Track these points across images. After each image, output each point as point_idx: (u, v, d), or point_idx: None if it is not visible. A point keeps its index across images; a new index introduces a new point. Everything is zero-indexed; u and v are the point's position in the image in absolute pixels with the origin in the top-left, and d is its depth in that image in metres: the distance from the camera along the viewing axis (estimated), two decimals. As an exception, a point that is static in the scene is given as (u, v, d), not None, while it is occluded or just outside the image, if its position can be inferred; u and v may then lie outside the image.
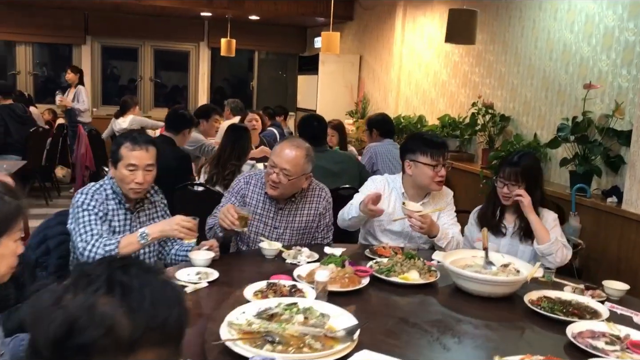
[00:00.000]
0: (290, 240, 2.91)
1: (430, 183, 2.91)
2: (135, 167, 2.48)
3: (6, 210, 1.50)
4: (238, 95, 11.14)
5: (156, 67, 10.25)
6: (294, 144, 2.85)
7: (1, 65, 9.74)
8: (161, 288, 0.92)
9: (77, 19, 9.36)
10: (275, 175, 2.76)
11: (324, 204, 2.97)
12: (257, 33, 10.01)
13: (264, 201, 2.90)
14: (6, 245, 1.52)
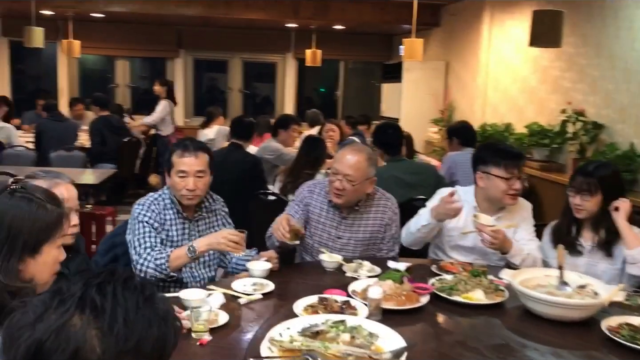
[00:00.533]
0: (354, 251, 2.82)
1: (503, 197, 2.73)
2: (185, 174, 2.48)
3: (49, 218, 1.52)
4: (325, 105, 11.25)
5: (245, 79, 10.50)
6: (355, 148, 2.80)
7: (103, 78, 10.35)
8: (139, 308, 0.87)
9: (170, 34, 9.78)
10: (338, 182, 2.69)
11: (389, 215, 2.86)
12: (343, 42, 10.01)
13: (327, 210, 2.83)
14: (48, 253, 1.53)
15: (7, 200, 1.50)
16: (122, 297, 0.87)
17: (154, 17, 8.86)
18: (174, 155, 2.51)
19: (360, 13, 8.21)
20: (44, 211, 1.51)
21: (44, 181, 2.10)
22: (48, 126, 7.00)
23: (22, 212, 1.48)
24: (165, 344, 0.89)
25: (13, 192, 1.52)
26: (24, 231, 1.47)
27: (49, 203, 1.54)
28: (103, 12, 8.33)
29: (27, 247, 1.48)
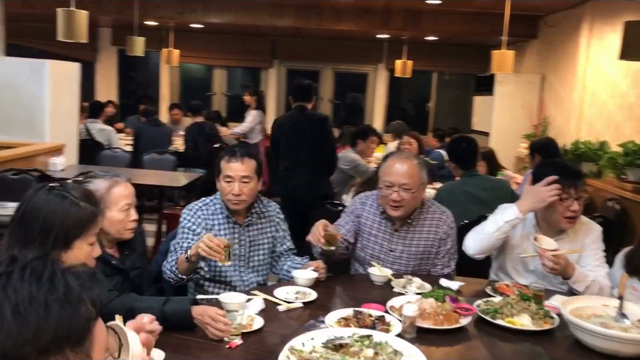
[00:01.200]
0: (407, 265, 2.76)
1: (560, 220, 2.55)
2: (231, 179, 2.53)
3: (81, 215, 1.62)
4: (416, 117, 11.12)
5: (335, 88, 10.59)
6: (402, 156, 2.76)
7: (203, 87, 10.82)
8: (32, 297, 0.86)
9: (265, 44, 10.08)
10: (395, 194, 2.64)
11: (444, 229, 2.77)
12: (435, 53, 9.87)
13: (379, 222, 2.79)
14: (80, 248, 1.64)
15: (44, 196, 1.61)
16: (13, 289, 0.87)
17: (249, 28, 9.17)
18: (222, 161, 2.57)
19: (452, 24, 8.05)
20: (76, 208, 1.61)
21: (104, 179, 2.24)
22: (145, 130, 7.42)
23: (56, 208, 1.60)
24: (70, 325, 0.88)
25: (51, 189, 1.63)
26: (56, 225, 1.58)
27: (82, 201, 1.64)
28: (202, 23, 8.74)
29: (59, 241, 1.59)
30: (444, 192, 3.90)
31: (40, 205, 1.60)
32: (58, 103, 5.94)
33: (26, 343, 0.84)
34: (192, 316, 1.95)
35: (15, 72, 5.77)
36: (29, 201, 1.63)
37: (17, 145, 5.52)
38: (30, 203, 1.62)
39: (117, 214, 2.20)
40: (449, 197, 3.82)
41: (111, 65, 10.48)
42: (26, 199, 1.64)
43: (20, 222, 1.61)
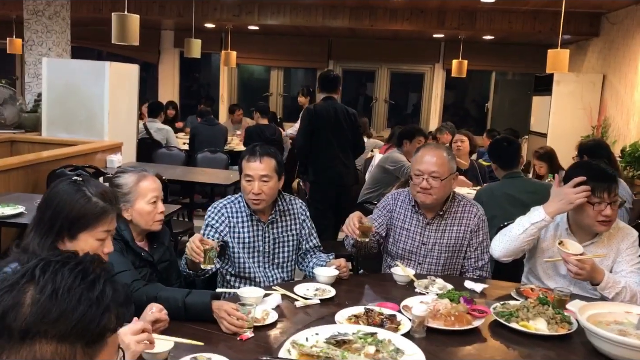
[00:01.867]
0: (439, 258, 2.78)
1: (593, 223, 2.47)
2: (251, 178, 2.58)
3: (89, 209, 1.72)
4: (475, 117, 10.93)
5: (391, 88, 10.55)
6: (431, 147, 2.82)
7: (261, 87, 11.03)
8: (71, 287, 0.96)
9: (322, 45, 10.16)
10: (425, 182, 2.67)
11: (475, 221, 2.78)
12: (492, 53, 9.67)
13: (411, 216, 2.82)
14: (85, 241, 1.72)
15: (63, 186, 1.75)
16: (60, 275, 0.97)
17: (304, 29, 9.28)
18: (243, 160, 2.64)
19: (509, 23, 7.88)
20: (85, 201, 1.71)
21: (132, 174, 2.36)
22: (200, 130, 7.64)
23: (67, 198, 1.71)
24: (88, 325, 0.96)
25: (74, 182, 1.75)
26: (63, 214, 1.70)
27: (95, 197, 1.73)
28: (258, 25, 8.91)
29: (64, 229, 1.70)
30: (484, 194, 3.85)
31: (55, 194, 1.73)
32: (117, 103, 6.22)
33: (48, 323, 0.93)
34: (211, 309, 2.02)
35: (78, 73, 6.09)
36: (51, 189, 1.76)
37: (78, 143, 5.82)
38: (51, 191, 1.75)
39: (146, 205, 2.30)
40: (489, 199, 3.76)
41: (173, 66, 10.84)
42: (50, 187, 1.77)
43: (39, 208, 1.75)
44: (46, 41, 6.73)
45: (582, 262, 2.34)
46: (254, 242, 2.67)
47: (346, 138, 5.06)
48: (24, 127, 6.45)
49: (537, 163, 5.25)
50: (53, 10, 6.72)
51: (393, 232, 2.87)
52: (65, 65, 6.24)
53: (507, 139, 4.15)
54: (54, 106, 6.09)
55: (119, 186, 2.32)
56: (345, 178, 5.07)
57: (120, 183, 2.33)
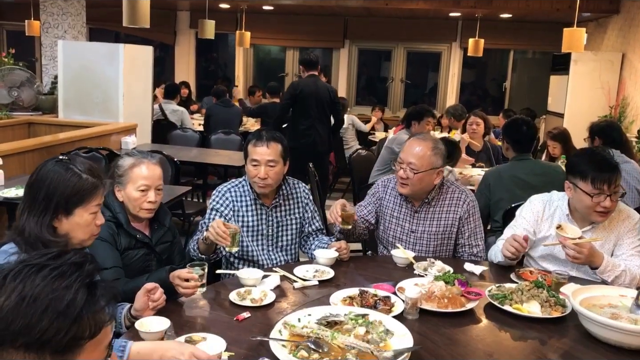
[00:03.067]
0: (428, 245, 2.80)
1: (591, 213, 2.46)
2: (257, 163, 2.61)
3: (81, 186, 1.80)
4: (491, 96, 10.81)
5: (407, 68, 10.47)
6: (420, 138, 2.79)
7: (278, 67, 11.03)
8: (36, 298, 0.95)
9: (337, 25, 10.10)
10: (402, 171, 2.70)
11: (465, 208, 2.78)
12: (510, 31, 9.52)
13: (400, 204, 2.84)
14: (80, 215, 1.81)
15: (51, 167, 1.81)
16: (30, 282, 0.97)
17: (319, 9, 9.23)
18: (249, 145, 2.66)
19: (527, 0, 7.75)
20: (77, 179, 1.79)
21: (131, 158, 2.40)
22: (215, 111, 7.68)
23: (59, 177, 1.78)
24: (54, 337, 0.95)
25: (59, 161, 1.81)
26: (58, 193, 1.77)
27: (85, 173, 1.81)
28: (272, 5, 8.88)
29: (60, 207, 1.77)
30: (491, 176, 3.83)
31: (46, 175, 1.79)
32: (132, 84, 6.28)
33: (12, 333, 0.93)
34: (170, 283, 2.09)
35: (94, 55, 6.15)
36: (38, 171, 1.82)
37: (94, 125, 5.91)
38: (39, 173, 1.81)
39: (133, 192, 2.35)
40: (496, 182, 3.75)
41: (189, 47, 10.87)
42: (37, 169, 1.83)
43: (29, 189, 1.81)
44: (62, 23, 6.81)
45: (579, 246, 2.33)
46: (258, 225, 2.71)
47: (324, 111, 5.74)
48: (41, 109, 6.56)
49: (550, 143, 5.21)
50: (68, -8, 6.79)
51: (383, 220, 2.89)
52: (80, 48, 6.31)
53: (526, 122, 4.03)
54: (69, 88, 6.18)
55: (117, 167, 2.38)
56: (320, 146, 5.78)
57: (118, 164, 2.39)
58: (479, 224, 2.82)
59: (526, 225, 2.64)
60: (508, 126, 4.17)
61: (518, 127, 4.00)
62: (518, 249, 2.45)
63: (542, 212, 2.64)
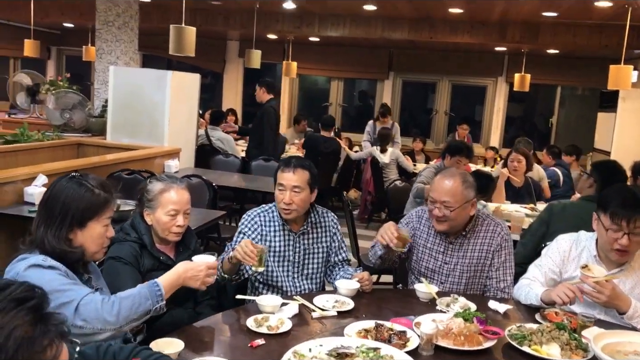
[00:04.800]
0: (461, 277, 2.78)
1: (609, 250, 2.40)
2: (283, 188, 2.66)
3: (94, 200, 1.90)
4: (537, 131, 10.64)
5: (452, 100, 10.43)
6: (448, 174, 2.76)
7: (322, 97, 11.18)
8: None
9: (382, 57, 10.20)
10: (437, 210, 2.69)
11: (498, 240, 2.76)
12: (557, 67, 9.41)
13: (434, 235, 2.82)
14: (93, 228, 1.91)
15: (65, 183, 1.91)
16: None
17: (364, 41, 9.35)
18: (278, 170, 2.72)
19: (574, 36, 7.67)
20: (90, 194, 1.89)
21: (161, 183, 2.49)
22: (259, 138, 7.81)
23: (73, 193, 1.88)
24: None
25: (72, 178, 1.90)
26: (73, 207, 1.87)
27: (97, 188, 1.91)
28: (318, 36, 9.05)
29: (75, 221, 1.87)
30: (556, 208, 3.62)
31: (61, 191, 1.89)
32: (177, 110, 6.47)
33: None
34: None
35: (143, 81, 6.38)
36: (53, 187, 1.92)
37: (140, 148, 6.10)
38: (54, 189, 1.91)
39: (163, 216, 2.43)
40: (559, 214, 3.60)
41: (237, 75, 11.15)
42: (51, 186, 1.93)
43: (45, 205, 1.91)
44: (115, 50, 7.10)
45: (601, 285, 2.27)
46: (285, 251, 2.74)
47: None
48: (91, 131, 6.81)
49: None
50: (122, 21, 7.08)
51: (416, 250, 2.88)
52: (130, 73, 6.56)
53: (624, 172, 3.82)
54: (118, 112, 6.41)
55: (147, 191, 2.46)
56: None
57: (148, 189, 2.47)
58: (510, 258, 2.79)
59: (552, 266, 2.59)
60: (604, 167, 3.81)
61: (616, 172, 3.65)
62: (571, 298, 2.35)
63: (569, 252, 2.59)
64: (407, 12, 7.77)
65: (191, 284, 2.04)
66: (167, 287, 1.95)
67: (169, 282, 1.96)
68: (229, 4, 8.22)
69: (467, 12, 7.38)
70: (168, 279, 1.98)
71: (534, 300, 2.51)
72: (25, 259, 1.82)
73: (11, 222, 3.86)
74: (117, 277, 2.29)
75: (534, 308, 2.52)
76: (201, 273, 2.04)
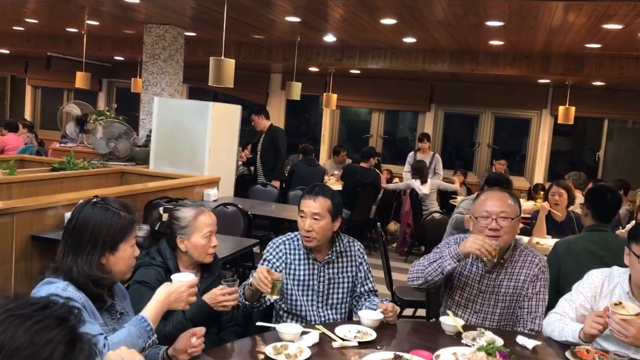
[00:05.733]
0: (495, 307, 2.73)
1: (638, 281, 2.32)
2: (304, 215, 2.66)
3: (122, 223, 1.94)
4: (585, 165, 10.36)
5: (495, 133, 10.30)
6: (494, 191, 2.82)
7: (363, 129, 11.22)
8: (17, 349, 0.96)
9: (424, 89, 10.19)
10: (494, 222, 2.63)
11: (535, 271, 2.70)
12: (604, 99, 9.20)
13: (471, 264, 2.78)
14: (124, 250, 1.95)
15: (90, 210, 1.95)
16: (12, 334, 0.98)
17: (405, 74, 9.38)
18: (301, 199, 2.73)
19: (620, 68, 7.51)
20: (117, 217, 1.94)
21: (191, 208, 2.53)
22: (299, 167, 7.90)
23: (102, 219, 1.92)
24: None
25: (95, 204, 1.94)
26: (103, 233, 1.91)
27: (122, 211, 1.96)
28: (359, 69, 9.13)
29: (107, 245, 1.91)
30: (561, 247, 3.61)
31: (88, 218, 1.93)
32: (218, 140, 6.61)
33: None
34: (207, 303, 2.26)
35: (185, 112, 6.57)
36: (78, 215, 1.96)
37: (180, 177, 6.24)
38: (80, 216, 1.95)
39: (201, 239, 2.47)
40: (566, 253, 3.53)
41: (279, 107, 11.33)
42: (76, 213, 1.97)
43: (72, 233, 1.94)
44: (160, 82, 7.34)
45: (628, 323, 2.17)
46: (309, 280, 2.73)
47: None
48: (135, 160, 7.02)
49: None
50: (168, 54, 7.34)
51: (451, 278, 2.83)
52: (173, 104, 6.76)
53: (611, 190, 3.84)
54: (161, 141, 6.60)
55: (178, 219, 2.50)
56: None
57: (179, 216, 2.51)
58: (545, 291, 2.71)
59: (583, 301, 2.50)
60: (591, 192, 3.97)
61: (602, 195, 3.78)
62: (604, 325, 2.26)
63: (601, 288, 2.49)
64: (447, 45, 7.77)
65: (176, 307, 2.04)
66: (154, 319, 1.95)
67: (154, 313, 1.96)
68: (272, 38, 8.41)
69: (508, 44, 7.34)
70: (153, 310, 1.96)
71: (570, 337, 2.41)
72: (51, 284, 1.86)
73: (52, 245, 3.99)
74: (141, 301, 2.32)
75: (565, 345, 2.42)
76: (183, 294, 2.03)
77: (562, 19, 5.60)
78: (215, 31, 7.66)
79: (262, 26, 7.51)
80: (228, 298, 2.26)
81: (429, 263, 2.69)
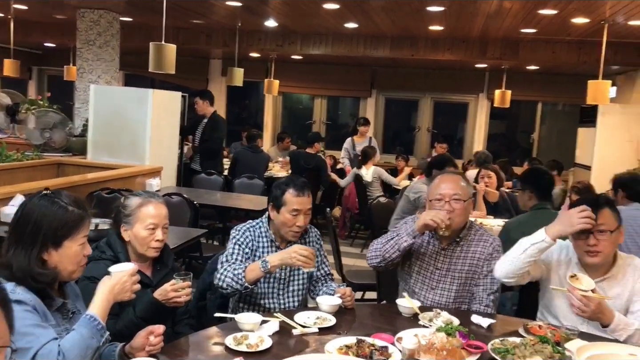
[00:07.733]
0: (452, 284, 2.78)
1: (582, 254, 2.46)
2: (298, 212, 2.65)
3: (68, 218, 1.83)
4: (520, 147, 10.73)
5: (434, 117, 10.51)
6: (447, 173, 2.93)
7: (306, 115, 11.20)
8: None
9: (365, 75, 10.25)
10: (447, 204, 2.68)
11: (490, 250, 2.76)
12: (537, 83, 9.52)
13: (427, 241, 2.82)
14: (69, 247, 1.84)
15: (36, 201, 1.85)
16: None
17: (347, 59, 9.41)
18: (288, 194, 2.66)
19: (553, 53, 7.77)
20: (63, 211, 1.83)
21: (138, 198, 2.44)
22: (242, 154, 7.78)
23: (45, 211, 1.82)
24: None
25: (44, 196, 1.84)
26: (45, 226, 1.80)
27: (70, 205, 1.85)
28: (301, 55, 9.08)
29: (48, 240, 1.80)
30: (512, 225, 3.72)
31: (32, 210, 1.83)
32: (159, 129, 6.42)
33: None
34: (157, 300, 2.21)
35: (124, 100, 6.33)
36: (24, 207, 1.85)
37: (121, 167, 6.03)
38: (25, 208, 1.85)
39: (142, 230, 2.38)
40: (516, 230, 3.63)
41: (220, 94, 11.12)
42: (22, 205, 1.87)
43: (16, 225, 1.84)
44: (96, 69, 7.06)
45: (587, 299, 2.26)
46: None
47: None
48: (71, 150, 6.73)
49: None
50: (103, 40, 7.05)
51: (409, 255, 2.86)
52: (110, 92, 6.51)
53: (546, 170, 4.05)
54: (99, 131, 6.35)
55: (124, 207, 2.41)
56: None
57: (125, 204, 2.42)
58: None
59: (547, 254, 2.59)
60: (529, 175, 4.13)
61: (540, 175, 3.96)
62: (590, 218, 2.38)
63: (559, 256, 2.60)
64: (388, 30, 7.83)
65: (122, 298, 1.97)
66: (103, 315, 1.87)
67: (101, 309, 1.88)
68: (212, 22, 8.23)
69: (447, 30, 7.46)
70: (100, 306, 1.88)
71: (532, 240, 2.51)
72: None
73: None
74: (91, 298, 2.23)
75: (518, 322, 2.50)
76: (127, 284, 1.97)
77: (500, 4, 5.74)
78: (152, 16, 7.42)
79: (201, 10, 7.34)
80: (180, 293, 2.21)
81: (386, 241, 2.74)
